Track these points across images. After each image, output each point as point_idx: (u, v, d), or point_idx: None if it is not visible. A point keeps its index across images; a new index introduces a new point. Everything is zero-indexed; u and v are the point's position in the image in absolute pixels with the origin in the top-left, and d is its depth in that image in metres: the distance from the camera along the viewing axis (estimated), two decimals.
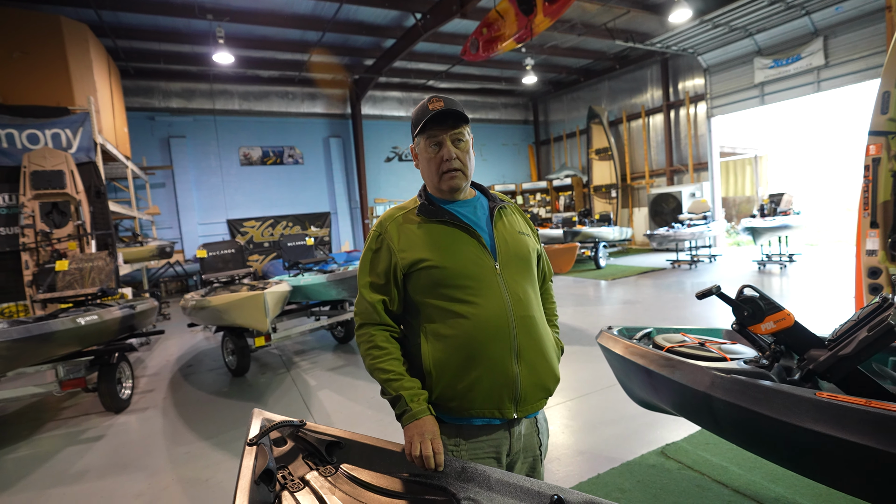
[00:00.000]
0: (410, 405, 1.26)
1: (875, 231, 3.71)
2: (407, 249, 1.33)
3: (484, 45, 8.51)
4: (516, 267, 1.37)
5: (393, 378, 1.30)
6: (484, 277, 1.31)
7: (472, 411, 1.31)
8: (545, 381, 1.38)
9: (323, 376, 4.99)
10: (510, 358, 1.30)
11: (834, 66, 9.86)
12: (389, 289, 1.36)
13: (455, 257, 1.32)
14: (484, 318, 1.29)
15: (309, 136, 15.12)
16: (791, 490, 2.40)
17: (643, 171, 14.85)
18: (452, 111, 1.33)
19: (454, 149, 1.35)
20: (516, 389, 1.31)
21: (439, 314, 1.32)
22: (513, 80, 16.06)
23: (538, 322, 1.38)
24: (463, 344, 1.29)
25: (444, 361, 1.30)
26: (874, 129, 3.74)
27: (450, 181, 1.36)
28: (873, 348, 1.62)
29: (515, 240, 1.41)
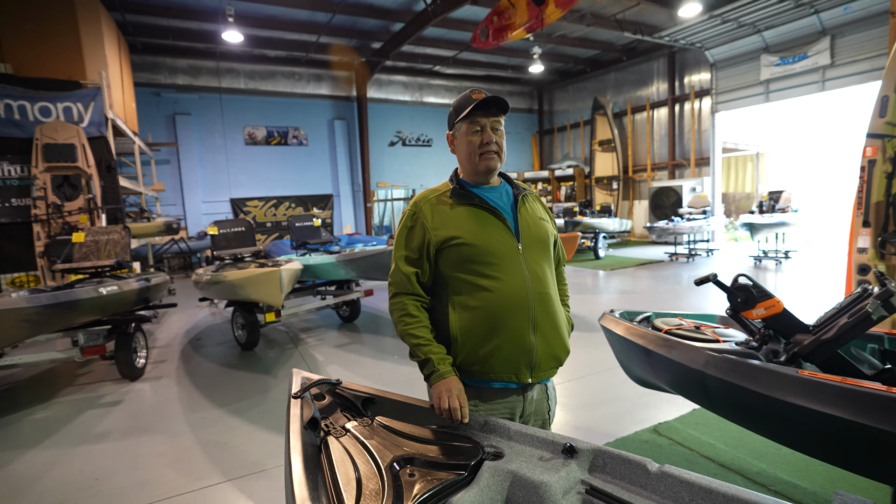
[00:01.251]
0: (438, 367, 1.42)
1: (867, 230, 3.87)
2: (440, 227, 1.48)
3: (494, 34, 8.54)
4: (536, 248, 1.52)
5: (423, 343, 1.46)
6: (508, 256, 1.46)
7: (491, 375, 1.47)
8: (557, 352, 1.53)
9: (329, 352, 5.17)
10: (528, 329, 1.45)
11: (840, 66, 9.93)
12: (422, 262, 1.50)
13: (483, 236, 1.46)
14: (506, 293, 1.44)
15: (314, 118, 15.13)
16: (772, 465, 2.59)
17: (645, 164, 14.95)
18: (496, 99, 1.47)
19: (493, 134, 1.49)
20: (532, 357, 1.47)
21: (467, 287, 1.46)
22: (519, 68, 16.03)
23: (553, 299, 1.53)
24: (487, 314, 1.44)
25: (469, 329, 1.45)
26: (872, 132, 3.88)
27: (487, 161, 1.50)
28: (852, 333, 1.79)
29: (536, 224, 1.56)
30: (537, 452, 1.24)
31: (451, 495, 1.10)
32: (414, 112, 16.64)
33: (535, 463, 1.19)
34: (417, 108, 16.70)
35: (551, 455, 1.22)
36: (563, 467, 1.17)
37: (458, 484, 1.14)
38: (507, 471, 1.17)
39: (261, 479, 2.72)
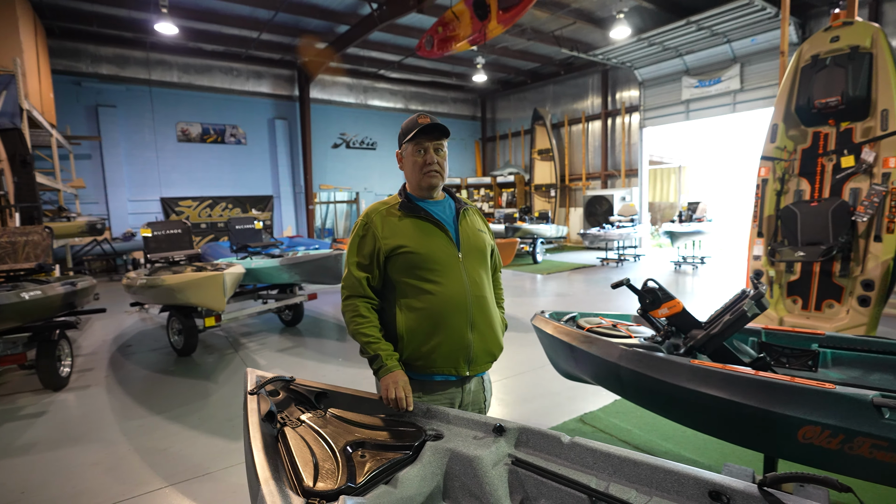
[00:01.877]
0: (386, 362, 1.58)
1: (760, 240, 4.46)
2: (389, 237, 1.64)
3: (439, 44, 8.79)
4: (474, 257, 1.71)
5: (372, 341, 1.61)
6: (449, 263, 1.65)
7: (433, 369, 1.66)
8: (492, 348, 1.74)
9: (272, 357, 5.13)
10: (466, 328, 1.64)
11: (748, 91, 11.12)
12: (373, 268, 1.66)
13: (427, 246, 1.64)
14: (447, 296, 1.62)
15: (253, 116, 14.66)
16: (678, 445, 2.97)
17: (581, 174, 15.83)
18: (438, 125, 1.66)
19: (435, 155, 1.68)
20: (469, 353, 1.66)
21: (412, 290, 1.64)
22: (463, 76, 16.44)
23: (489, 301, 1.73)
24: (430, 315, 1.62)
25: (413, 328, 1.63)
26: (765, 155, 4.48)
27: (429, 179, 1.68)
28: (734, 328, 2.14)
29: (475, 235, 1.75)
30: (472, 433, 1.44)
31: (398, 471, 1.27)
32: (358, 114, 16.57)
33: (469, 441, 1.39)
34: (362, 110, 16.64)
35: (484, 434, 1.42)
36: (494, 444, 1.37)
37: (403, 462, 1.31)
38: (445, 449, 1.36)
39: (205, 483, 2.73)
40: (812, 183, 4.28)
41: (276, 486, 1.14)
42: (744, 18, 9.66)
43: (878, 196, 3.72)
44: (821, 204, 4.07)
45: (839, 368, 2.30)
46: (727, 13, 9.43)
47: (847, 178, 4.06)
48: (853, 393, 1.68)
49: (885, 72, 3.81)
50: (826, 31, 4.16)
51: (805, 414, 1.73)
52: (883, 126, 3.80)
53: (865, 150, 3.91)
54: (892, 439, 1.59)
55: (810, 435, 1.73)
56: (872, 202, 3.74)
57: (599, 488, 1.21)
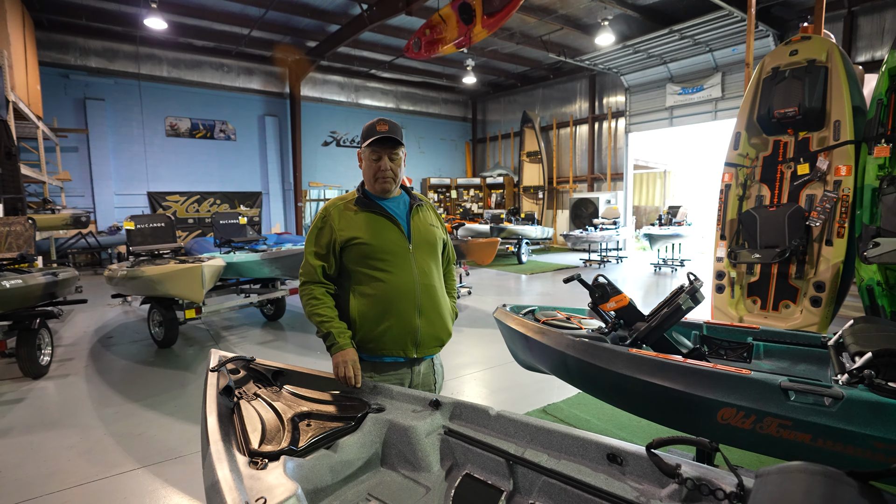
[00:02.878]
0: (338, 339, 1.72)
1: (723, 242, 4.65)
2: (344, 229, 1.78)
3: (426, 46, 8.93)
4: (424, 249, 1.86)
5: (325, 320, 1.75)
6: (400, 254, 1.79)
7: (383, 351, 1.80)
8: (439, 333, 1.89)
9: (253, 350, 5.24)
10: (414, 313, 1.79)
11: (729, 99, 11.40)
12: (329, 257, 1.80)
13: (380, 238, 1.78)
14: (397, 283, 1.77)
15: (243, 113, 14.70)
16: (631, 434, 3.14)
17: (568, 177, 16.06)
18: (391, 138, 1.78)
19: (389, 162, 1.80)
20: (417, 336, 1.81)
21: (365, 278, 1.78)
22: (454, 77, 16.60)
23: (437, 290, 1.88)
24: (380, 301, 1.76)
25: (365, 313, 1.77)
26: (728, 161, 4.68)
27: (382, 184, 1.83)
28: (670, 321, 2.31)
29: (426, 229, 1.90)
30: (411, 407, 1.58)
31: (339, 438, 1.41)
32: (349, 113, 16.67)
33: (408, 414, 1.53)
34: (353, 109, 16.74)
35: (422, 408, 1.57)
36: (430, 416, 1.52)
37: (345, 430, 1.45)
38: (385, 420, 1.50)
39: (177, 465, 2.84)
40: (772, 189, 4.48)
41: (224, 447, 1.28)
42: (724, 29, 9.92)
43: (830, 202, 3.92)
44: (778, 209, 4.26)
45: (770, 360, 2.48)
46: (708, 23, 9.68)
47: (803, 185, 4.27)
48: (764, 378, 1.85)
49: (839, 85, 4.02)
50: (786, 44, 4.37)
51: (723, 397, 1.90)
52: (835, 136, 4.00)
53: (820, 159, 4.11)
54: (796, 419, 1.76)
55: (727, 416, 1.90)
56: (825, 208, 3.95)
57: (517, 454, 1.36)
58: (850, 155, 3.94)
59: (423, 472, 1.42)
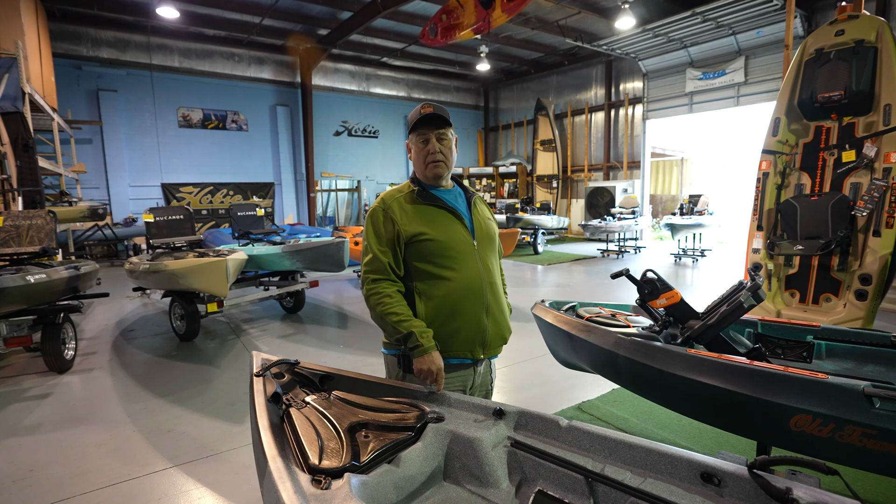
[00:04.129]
0: (421, 340, 1.59)
1: (760, 233, 4.48)
2: (408, 224, 1.67)
3: (442, 32, 8.72)
4: (487, 244, 1.77)
5: (403, 319, 1.62)
6: (465, 251, 1.70)
7: (451, 353, 1.70)
8: (504, 332, 1.82)
9: (273, 343, 5.19)
10: (482, 313, 1.71)
11: (752, 84, 11.06)
12: (395, 252, 1.68)
13: (446, 233, 1.68)
14: (464, 282, 1.67)
15: (255, 103, 14.60)
16: (673, 433, 3.02)
17: (583, 165, 15.79)
18: (437, 116, 1.67)
19: (438, 144, 1.69)
20: (485, 337, 1.73)
21: (430, 277, 1.68)
22: (466, 65, 16.33)
23: (499, 287, 1.80)
24: (448, 302, 1.66)
25: (432, 315, 1.67)
26: (766, 148, 4.49)
27: (434, 169, 1.71)
28: (729, 319, 2.18)
29: (486, 224, 1.81)
30: (472, 416, 1.48)
31: (400, 451, 1.31)
32: (360, 102, 16.49)
33: (470, 424, 1.43)
34: (364, 98, 16.55)
35: (484, 417, 1.46)
36: (494, 426, 1.41)
37: (406, 442, 1.35)
38: (447, 430, 1.40)
39: (210, 464, 2.79)
40: (813, 177, 4.29)
41: (283, 464, 1.18)
42: (749, 10, 9.57)
43: (879, 191, 3.73)
44: (821, 198, 4.08)
45: (833, 360, 2.34)
46: (733, 4, 9.34)
47: (848, 173, 4.07)
48: (845, 383, 1.72)
49: (890, 66, 3.80)
50: (831, 24, 4.15)
51: (797, 402, 1.77)
52: (885, 121, 3.80)
53: (867, 145, 3.91)
54: (882, 428, 1.63)
55: (802, 423, 1.77)
56: (872, 197, 3.76)
57: (595, 469, 1.25)
58: None
59: (490, 487, 1.32)
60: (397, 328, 1.62)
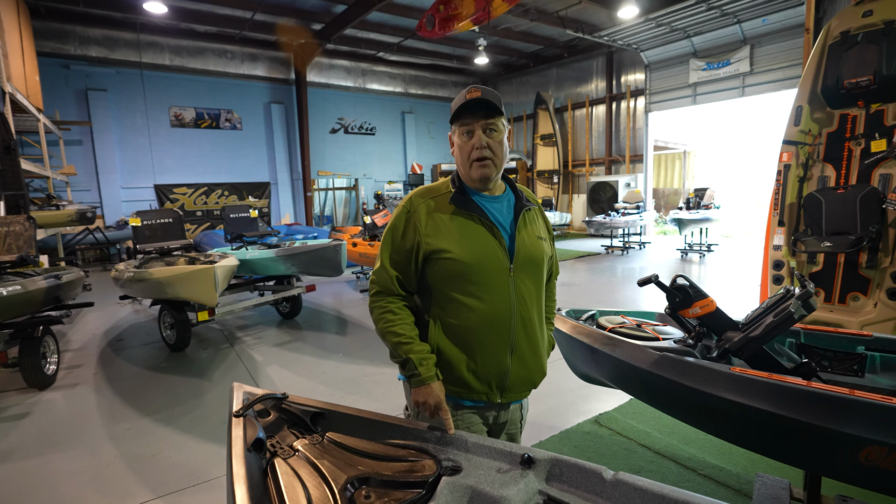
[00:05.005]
0: (419, 369, 1.35)
1: (781, 229, 4.22)
2: (432, 235, 1.38)
3: (440, 23, 8.44)
4: (528, 270, 1.44)
5: (404, 341, 1.37)
6: (497, 276, 1.39)
7: (463, 393, 1.44)
8: (532, 376, 1.51)
9: (269, 351, 4.93)
10: (505, 352, 1.42)
11: (758, 74, 10.78)
12: (408, 266, 1.42)
13: (476, 253, 1.37)
14: (489, 315, 1.39)
15: (249, 100, 14.29)
16: (701, 450, 2.78)
17: (584, 160, 15.52)
18: (484, 101, 1.35)
19: (485, 137, 1.37)
20: (506, 380, 1.45)
21: (450, 303, 1.40)
22: (464, 58, 16.02)
23: (536, 322, 1.48)
24: (466, 334, 1.40)
25: (446, 347, 1.41)
26: (788, 139, 4.22)
27: (480, 169, 1.39)
28: (777, 331, 1.93)
29: (533, 244, 1.46)
30: (495, 464, 1.22)
31: None
32: (357, 98, 16.19)
33: (493, 476, 1.17)
34: (360, 94, 16.25)
35: (509, 466, 1.21)
36: (522, 479, 1.16)
37: (416, 502, 1.10)
38: (465, 486, 1.14)
39: (197, 494, 2.54)
40: (838, 169, 4.03)
41: None
42: None
43: None
44: (848, 191, 3.82)
45: (889, 375, 2.09)
46: None
47: (877, 164, 3.81)
48: None
49: None
50: (858, 4, 3.88)
51: (870, 433, 1.52)
52: None
53: None
54: None
55: (874, 456, 1.52)
56: None
57: None
58: None
59: None
60: (396, 350, 1.39)
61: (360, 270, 8.79)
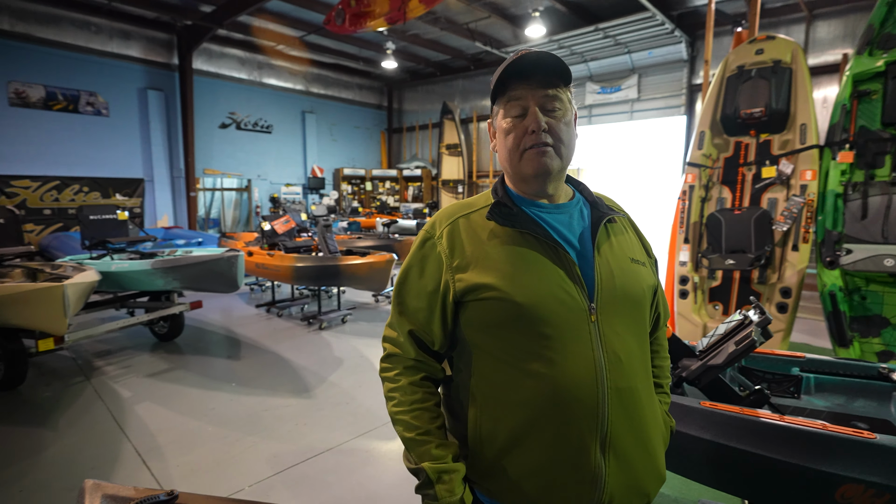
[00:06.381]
0: (437, 488, 0.92)
1: (687, 246, 4.48)
2: (466, 267, 0.96)
3: (351, 19, 7.95)
4: (621, 312, 0.97)
5: (417, 439, 0.96)
6: (571, 324, 0.93)
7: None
8: (643, 483, 0.98)
9: (140, 385, 4.05)
10: (594, 445, 0.92)
11: (644, 101, 11.88)
12: (432, 318, 0.99)
13: (532, 290, 0.92)
14: (562, 384, 0.91)
15: (119, 84, 12.29)
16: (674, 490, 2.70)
17: (488, 171, 15.89)
18: (543, 60, 0.95)
19: (544, 117, 0.96)
20: (598, 492, 0.93)
21: (497, 369, 0.95)
22: (371, 61, 15.54)
23: (642, 396, 0.99)
24: (527, 417, 0.93)
25: (492, 436, 0.95)
26: (691, 161, 4.50)
27: (536, 158, 0.96)
28: (738, 359, 1.86)
29: (625, 271, 1.00)
30: None
31: None
32: (252, 93, 14.84)
33: None
34: (256, 88, 14.93)
35: None
36: None
37: None
38: None
39: None
40: (734, 191, 4.38)
41: None
42: (644, 31, 10.21)
43: (797, 207, 3.86)
44: (744, 212, 4.16)
45: (822, 395, 2.16)
46: (631, 24, 9.88)
47: (765, 188, 4.20)
48: None
49: (804, 87, 3.97)
50: (751, 43, 4.26)
51: (847, 470, 1.46)
52: (801, 140, 3.96)
53: (783, 162, 4.05)
54: None
55: (850, 494, 1.46)
56: (791, 213, 3.88)
57: None
58: (815, 159, 3.90)
59: None
60: (408, 451, 0.97)
61: (255, 282, 7.89)
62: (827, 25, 9.25)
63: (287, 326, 5.84)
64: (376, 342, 5.23)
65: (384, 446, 3.11)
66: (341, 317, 6.03)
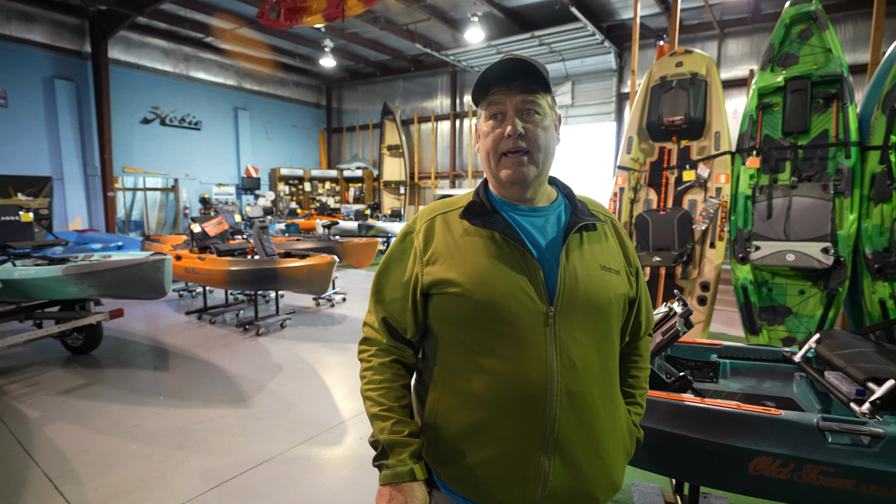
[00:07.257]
0: (390, 458, 0.96)
1: None
2: (437, 260, 1.01)
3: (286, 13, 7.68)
4: (582, 318, 0.97)
5: (380, 414, 1.00)
6: (527, 325, 0.94)
7: (469, 493, 0.99)
8: (591, 488, 0.97)
9: (51, 403, 3.68)
10: (537, 446, 0.93)
11: (577, 107, 12.44)
12: (405, 307, 1.04)
13: (491, 287, 0.95)
14: (514, 382, 0.93)
15: (21, 71, 11.08)
16: None
17: (430, 172, 15.96)
18: (522, 65, 0.96)
19: (521, 123, 0.97)
20: (542, 489, 0.94)
21: (458, 360, 0.99)
22: (308, 58, 15.11)
23: (598, 402, 0.98)
24: (479, 408, 0.96)
25: (444, 423, 1.00)
26: (621, 165, 4.77)
27: (513, 167, 0.98)
28: (664, 349, 2.00)
29: (592, 278, 0.99)
30: None
31: None
32: (178, 86, 13.93)
33: None
34: (182, 81, 14.04)
35: None
36: None
37: None
38: None
39: None
40: (659, 193, 4.70)
41: None
42: (577, 41, 10.71)
43: (713, 207, 4.21)
44: (668, 213, 4.47)
45: (737, 378, 2.37)
46: (565, 33, 10.32)
47: (686, 191, 4.55)
48: (800, 418, 1.61)
49: (717, 98, 4.34)
50: (671, 56, 4.60)
51: (757, 444, 1.61)
52: (716, 146, 4.32)
53: (701, 167, 4.40)
54: (839, 464, 1.55)
55: (761, 466, 1.62)
56: (709, 213, 4.23)
57: None
58: (728, 164, 4.28)
59: None
60: (372, 425, 1.03)
61: (184, 288, 7.41)
62: (736, 43, 10.17)
63: (221, 333, 5.54)
64: (318, 347, 5.08)
65: (327, 453, 3.03)
66: (280, 322, 5.80)
